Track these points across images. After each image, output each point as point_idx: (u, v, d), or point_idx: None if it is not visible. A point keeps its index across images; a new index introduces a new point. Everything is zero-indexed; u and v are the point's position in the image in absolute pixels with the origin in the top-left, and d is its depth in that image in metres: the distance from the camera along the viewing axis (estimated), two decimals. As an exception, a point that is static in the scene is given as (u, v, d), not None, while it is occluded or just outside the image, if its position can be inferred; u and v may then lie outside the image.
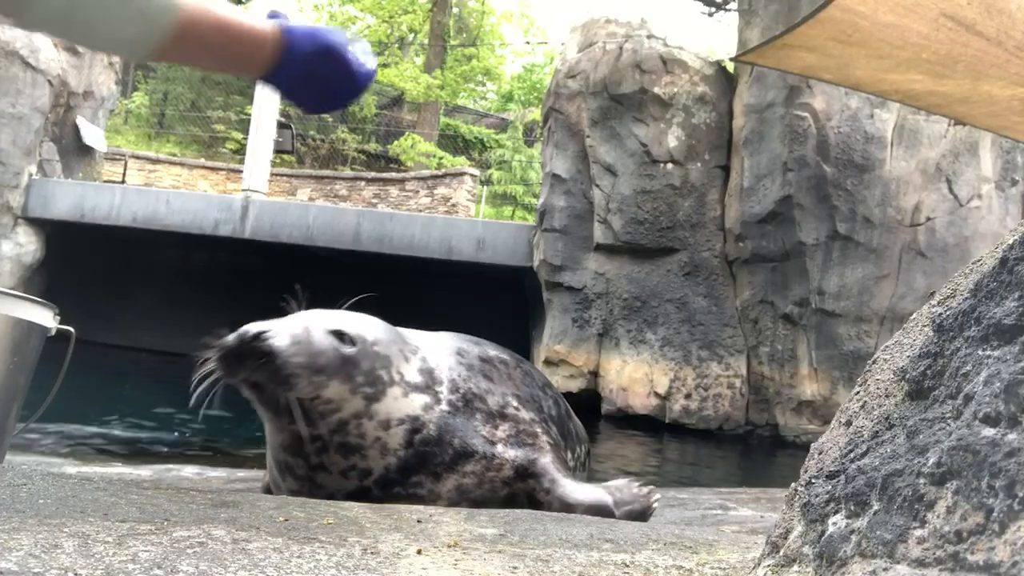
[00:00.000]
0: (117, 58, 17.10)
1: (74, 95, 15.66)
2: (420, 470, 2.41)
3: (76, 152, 16.03)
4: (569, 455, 2.86)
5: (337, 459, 2.38)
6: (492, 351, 2.86)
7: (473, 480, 2.47)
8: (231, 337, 2.26)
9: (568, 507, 2.44)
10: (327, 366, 2.31)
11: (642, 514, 2.56)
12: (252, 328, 2.29)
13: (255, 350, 2.23)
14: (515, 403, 2.66)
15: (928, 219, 10.36)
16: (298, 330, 2.33)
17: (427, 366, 2.53)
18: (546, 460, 2.56)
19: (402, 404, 2.42)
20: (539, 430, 2.65)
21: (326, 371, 2.31)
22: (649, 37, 11.63)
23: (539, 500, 2.50)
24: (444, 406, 2.48)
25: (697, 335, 10.80)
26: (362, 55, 1.51)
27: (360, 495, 2.37)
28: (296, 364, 2.25)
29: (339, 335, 2.38)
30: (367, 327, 2.48)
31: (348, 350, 2.36)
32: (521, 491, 2.51)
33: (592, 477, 3.20)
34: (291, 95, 1.50)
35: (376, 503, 2.34)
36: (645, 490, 2.62)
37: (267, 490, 2.85)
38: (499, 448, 2.52)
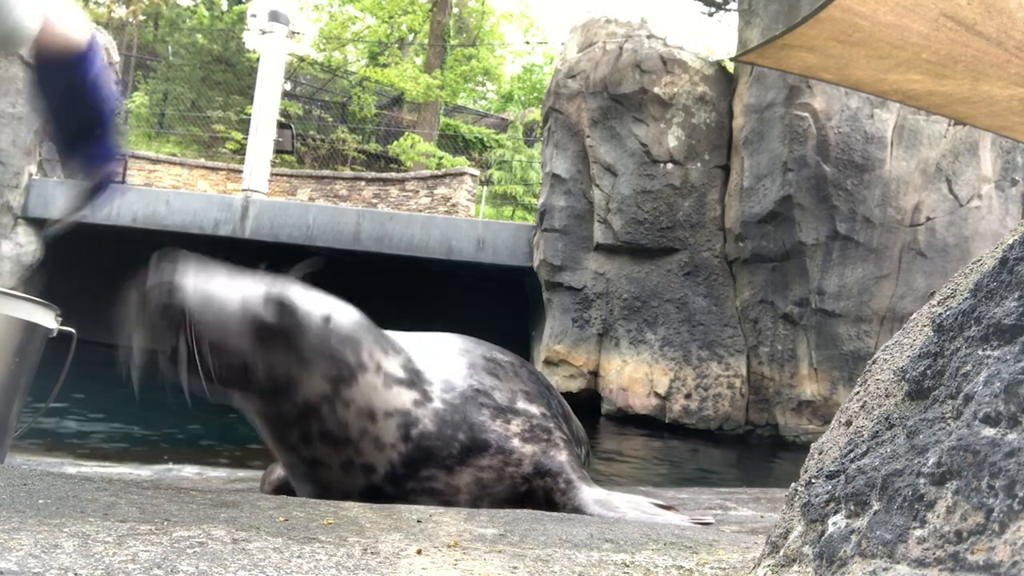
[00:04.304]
0: (117, 58, 17.10)
1: (74, 95, 15.64)
2: (429, 464, 2.38)
3: (76, 152, 16.01)
4: None
5: (327, 452, 2.32)
6: (496, 352, 2.85)
7: (492, 475, 2.44)
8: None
9: (580, 513, 2.43)
10: (248, 327, 2.17)
11: None
12: (165, 260, 2.16)
13: (148, 292, 2.11)
14: (524, 398, 2.63)
15: (928, 219, 10.36)
16: (220, 279, 2.21)
17: (413, 366, 2.48)
18: (562, 458, 2.55)
19: (385, 396, 2.36)
20: (552, 425, 2.63)
21: (248, 332, 2.17)
22: (649, 37, 11.63)
23: (555, 500, 2.48)
24: (437, 403, 2.45)
25: (697, 335, 10.80)
26: (115, 132, 2.02)
27: (373, 493, 2.34)
28: (193, 301, 2.10)
29: (274, 300, 2.23)
30: (318, 302, 2.36)
31: (278, 317, 2.22)
32: (539, 488, 2.50)
33: (592, 478, 3.19)
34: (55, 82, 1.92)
35: (393, 500, 2.33)
36: (665, 511, 2.57)
37: (275, 491, 2.86)
38: (516, 443, 2.50)
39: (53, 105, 1.96)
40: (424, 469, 2.38)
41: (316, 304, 2.36)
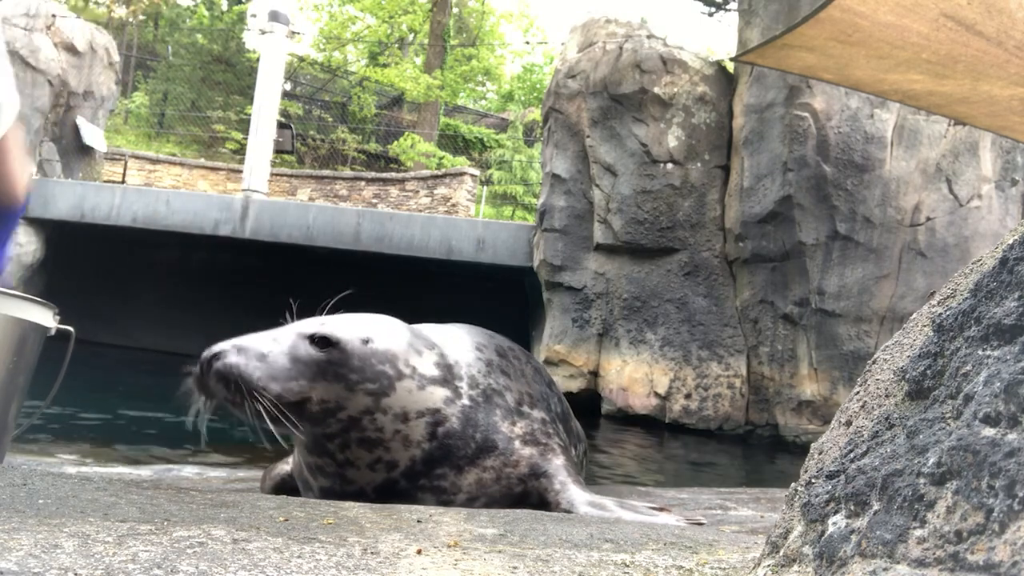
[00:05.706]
0: (117, 58, 17.11)
1: (74, 95, 15.66)
2: (444, 463, 2.45)
3: (76, 152, 16.03)
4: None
5: (361, 453, 2.42)
6: (506, 347, 2.89)
7: (492, 475, 2.51)
8: (201, 358, 2.33)
9: (571, 513, 2.44)
10: (304, 371, 2.34)
11: None
12: (212, 349, 2.34)
13: (214, 373, 2.29)
14: (529, 402, 2.70)
15: (928, 219, 10.36)
16: (263, 343, 2.38)
17: (445, 361, 2.56)
18: (559, 461, 2.60)
19: (419, 397, 2.45)
20: (551, 431, 2.69)
21: (305, 375, 2.34)
22: (649, 37, 11.63)
23: (548, 500, 2.52)
24: (465, 400, 2.52)
25: (697, 335, 10.80)
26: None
27: (388, 487, 2.41)
28: (259, 375, 2.30)
29: (320, 340, 2.40)
30: (356, 328, 2.49)
31: (327, 353, 2.38)
32: (534, 489, 2.55)
33: (592, 477, 3.19)
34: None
35: (402, 495, 2.38)
36: (658, 512, 2.58)
37: (275, 489, 2.88)
38: (516, 444, 2.56)
39: None
40: (439, 467, 2.46)
41: (353, 329, 2.48)
